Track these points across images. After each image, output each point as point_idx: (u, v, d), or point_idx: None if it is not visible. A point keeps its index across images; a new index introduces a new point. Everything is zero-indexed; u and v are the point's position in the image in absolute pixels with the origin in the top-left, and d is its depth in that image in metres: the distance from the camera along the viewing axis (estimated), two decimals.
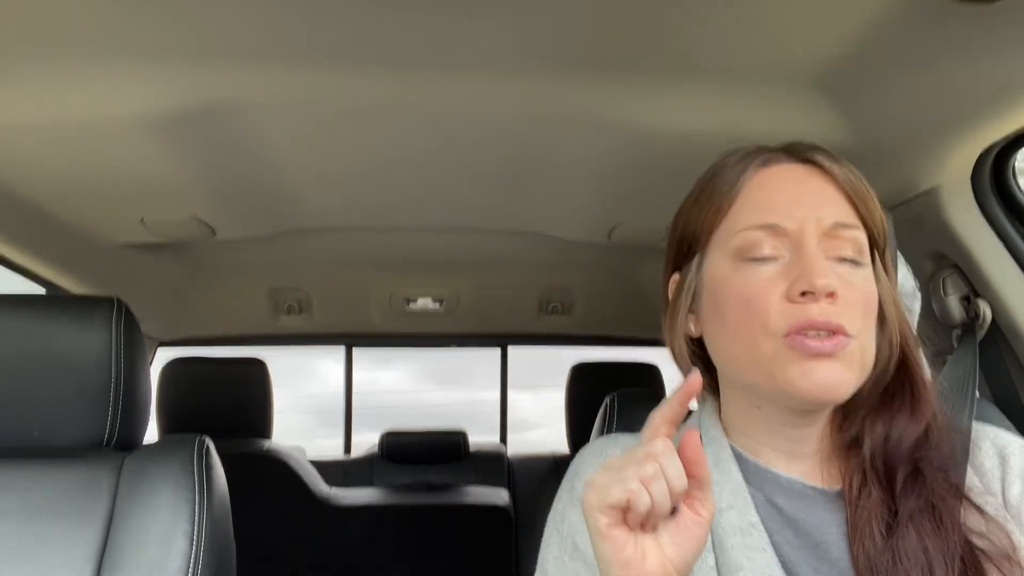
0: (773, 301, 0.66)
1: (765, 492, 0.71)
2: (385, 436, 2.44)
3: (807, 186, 0.70)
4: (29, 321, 1.04)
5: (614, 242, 1.65)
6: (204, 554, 0.98)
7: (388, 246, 1.84)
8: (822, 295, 0.64)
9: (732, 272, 0.69)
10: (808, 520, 0.69)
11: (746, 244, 0.69)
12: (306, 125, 1.11)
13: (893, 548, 0.64)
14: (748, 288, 0.67)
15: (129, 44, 0.92)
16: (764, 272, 0.67)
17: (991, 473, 0.71)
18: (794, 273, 0.66)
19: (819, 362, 0.64)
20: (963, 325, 1.17)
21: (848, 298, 0.65)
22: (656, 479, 0.54)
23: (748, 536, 0.67)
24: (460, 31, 0.90)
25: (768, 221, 0.68)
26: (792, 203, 0.69)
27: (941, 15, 0.81)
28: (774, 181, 0.71)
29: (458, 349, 2.80)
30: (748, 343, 0.67)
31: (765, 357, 0.66)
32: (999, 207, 1.14)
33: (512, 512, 2.27)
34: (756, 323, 0.66)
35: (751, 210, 0.70)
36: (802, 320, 0.64)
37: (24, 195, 1.31)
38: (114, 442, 1.06)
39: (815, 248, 0.67)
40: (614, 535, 0.55)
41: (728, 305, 0.69)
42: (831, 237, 0.68)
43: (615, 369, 2.33)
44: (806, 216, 0.68)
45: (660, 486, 0.54)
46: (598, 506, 0.56)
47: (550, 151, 1.21)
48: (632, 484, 0.54)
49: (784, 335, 0.65)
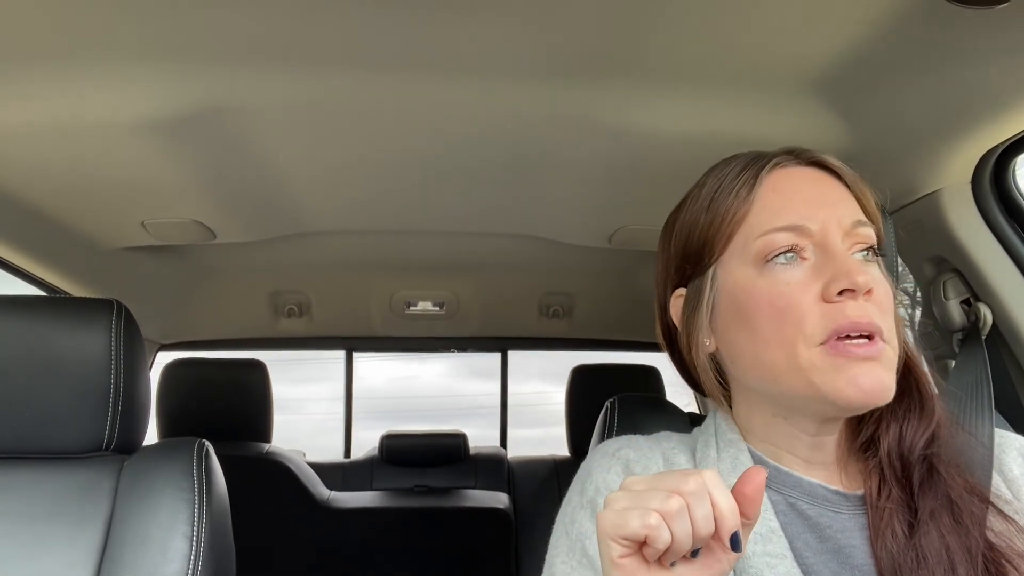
0: (808, 304, 0.64)
1: (786, 496, 0.70)
2: (385, 439, 2.44)
3: (822, 187, 0.70)
4: (29, 324, 1.04)
5: (615, 246, 1.65)
6: (204, 557, 0.98)
7: (388, 249, 1.84)
8: (861, 292, 0.63)
9: (756, 278, 0.67)
10: (831, 524, 0.68)
11: (770, 247, 0.67)
12: (306, 128, 1.11)
13: (916, 547, 0.63)
14: (779, 293, 0.66)
15: (129, 47, 0.92)
16: (794, 275, 0.66)
17: (1019, 481, 0.71)
18: (827, 273, 0.65)
19: (863, 367, 0.63)
20: (963, 329, 1.17)
21: (878, 296, 0.65)
22: (679, 518, 0.50)
23: (768, 543, 0.66)
24: (461, 35, 0.90)
25: (791, 222, 0.67)
26: (811, 204, 0.68)
27: (941, 19, 0.81)
28: (789, 184, 0.70)
29: (457, 355, 2.79)
30: (784, 351, 0.65)
31: (804, 366, 0.64)
32: (1000, 211, 1.14)
33: (512, 515, 2.26)
34: (791, 329, 0.65)
35: (770, 214, 0.68)
36: (842, 323, 0.63)
37: (25, 198, 1.31)
38: (114, 445, 1.06)
39: (842, 247, 0.66)
40: (626, 565, 0.52)
41: (758, 313, 0.67)
42: (851, 236, 0.67)
43: (615, 372, 2.33)
44: (827, 216, 0.67)
45: (683, 526, 0.50)
46: (613, 534, 0.52)
47: (551, 154, 1.21)
48: (652, 519, 0.50)
49: (822, 342, 0.64)
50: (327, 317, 2.28)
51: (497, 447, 2.69)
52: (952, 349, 1.19)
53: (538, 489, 2.38)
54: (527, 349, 2.68)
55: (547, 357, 2.60)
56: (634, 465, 0.74)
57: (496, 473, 2.49)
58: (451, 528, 2.22)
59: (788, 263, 0.66)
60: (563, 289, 2.20)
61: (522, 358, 2.74)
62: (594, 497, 0.72)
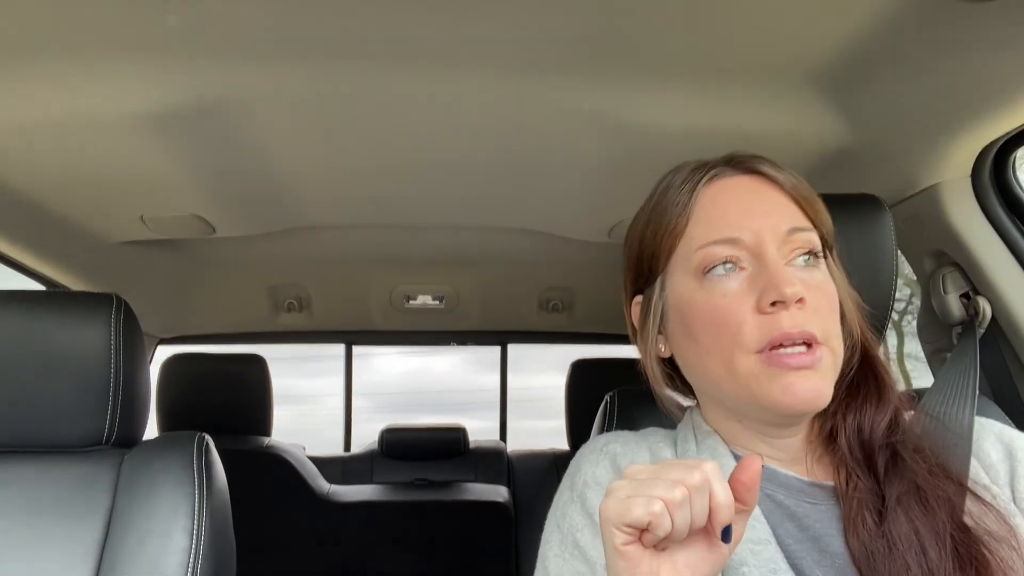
0: (744, 315, 0.67)
1: (764, 488, 0.71)
2: (384, 432, 2.44)
3: (757, 196, 0.71)
4: (29, 318, 1.04)
5: (614, 240, 1.65)
6: (204, 550, 0.98)
7: (388, 243, 1.84)
8: (792, 302, 0.65)
9: (697, 290, 0.70)
10: (808, 514, 0.70)
11: (707, 260, 0.69)
12: (306, 122, 1.11)
13: (886, 534, 0.65)
14: (716, 304, 0.68)
15: (129, 42, 0.92)
16: (730, 286, 0.68)
17: (998, 466, 0.72)
18: (761, 284, 0.67)
19: (798, 375, 0.65)
20: (963, 323, 1.17)
21: (814, 301, 0.67)
22: (682, 507, 0.52)
23: (752, 530, 0.67)
24: (460, 28, 0.89)
25: (725, 235, 0.69)
26: (745, 215, 0.70)
27: (940, 12, 0.81)
28: (724, 195, 0.72)
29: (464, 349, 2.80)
30: (723, 361, 0.68)
31: (742, 374, 0.67)
32: (999, 204, 1.14)
33: (512, 508, 2.27)
34: (729, 339, 0.67)
35: (706, 226, 0.71)
36: (776, 333, 0.65)
37: (24, 193, 1.31)
38: (114, 439, 1.06)
39: (776, 256, 0.68)
40: (629, 552, 0.54)
41: (698, 324, 0.70)
42: (788, 242, 0.69)
43: (615, 366, 2.33)
44: (762, 226, 0.69)
45: (684, 515, 0.52)
46: (616, 522, 0.53)
47: (550, 148, 1.21)
48: (656, 507, 0.52)
49: (759, 351, 0.66)
50: (327, 311, 2.28)
51: (497, 441, 2.69)
52: (951, 342, 1.19)
53: (537, 483, 2.39)
54: (527, 343, 2.68)
55: (560, 349, 2.60)
56: (621, 459, 0.76)
57: (496, 467, 2.49)
58: (451, 521, 2.22)
59: (727, 273, 0.69)
60: (563, 283, 2.20)
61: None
62: (583, 491, 0.74)
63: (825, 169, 1.20)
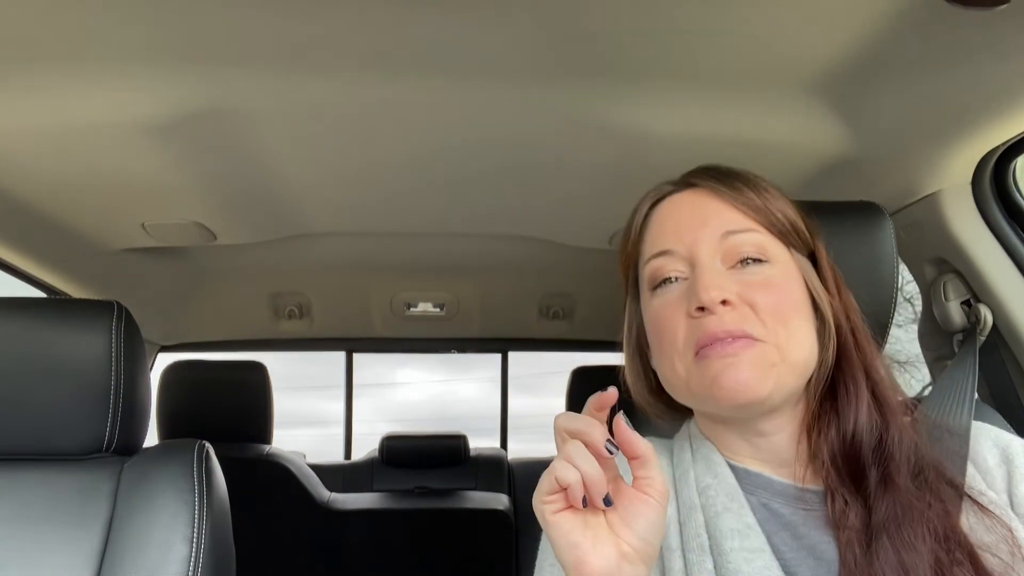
0: (678, 322, 0.70)
1: (759, 496, 0.71)
2: (385, 440, 2.44)
3: (694, 208, 0.74)
4: (29, 325, 1.04)
5: (614, 247, 1.64)
6: (204, 559, 0.98)
7: (388, 251, 1.84)
8: (715, 306, 0.67)
9: (649, 303, 0.75)
10: (804, 522, 0.69)
11: (651, 274, 0.74)
12: (307, 129, 1.11)
13: (872, 561, 0.64)
14: (658, 315, 0.73)
15: (131, 49, 0.92)
16: (669, 296, 0.72)
17: (994, 472, 0.71)
18: (691, 290, 0.70)
19: (722, 364, 0.67)
20: (964, 330, 1.17)
21: (749, 299, 0.68)
22: (579, 455, 0.56)
23: (746, 539, 0.67)
24: (462, 37, 0.90)
25: (660, 248, 0.73)
26: (681, 227, 0.73)
27: (941, 21, 0.81)
28: (669, 212, 0.76)
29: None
30: (669, 366, 0.72)
31: (682, 375, 0.70)
32: (1000, 212, 1.14)
33: (512, 517, 2.26)
34: (669, 346, 0.71)
35: (650, 243, 0.76)
36: (702, 336, 0.68)
37: (25, 199, 1.31)
38: (114, 447, 1.06)
39: (708, 262, 0.70)
40: (559, 521, 0.58)
41: (652, 334, 0.75)
42: (725, 246, 0.71)
43: (616, 374, 2.32)
44: (695, 236, 0.71)
45: (586, 462, 0.56)
46: (538, 497, 0.58)
47: (551, 156, 1.21)
48: (558, 465, 0.57)
49: (694, 354, 0.69)
50: (327, 318, 2.28)
51: (497, 448, 2.69)
52: (952, 350, 1.19)
53: None
54: (527, 350, 2.68)
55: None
56: None
57: (496, 474, 2.49)
58: (451, 529, 2.22)
59: (672, 284, 0.72)
60: (563, 290, 2.20)
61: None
62: None
63: (825, 176, 1.20)
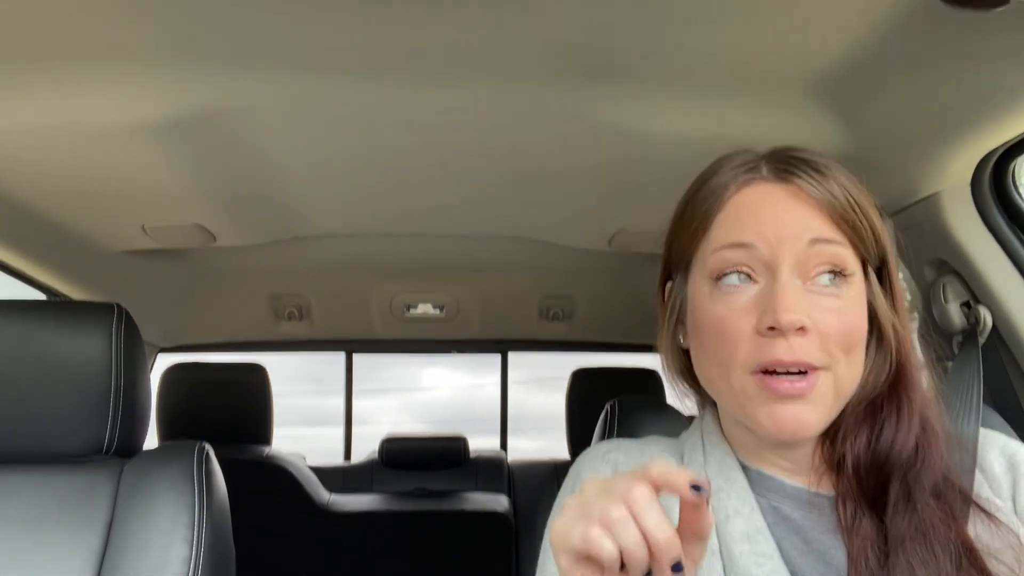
0: (744, 334, 0.65)
1: (770, 499, 0.70)
2: (385, 442, 2.44)
3: (785, 206, 0.68)
4: (30, 327, 1.04)
5: (614, 248, 1.65)
6: (204, 560, 0.98)
7: (388, 252, 1.84)
8: (790, 331, 0.63)
9: (708, 297, 0.68)
10: (815, 527, 0.68)
11: (720, 265, 0.67)
12: (307, 132, 1.12)
13: (887, 575, 0.63)
14: (720, 316, 0.67)
15: (130, 51, 0.92)
16: (737, 301, 0.66)
17: (1001, 479, 0.71)
18: (765, 304, 0.64)
19: (785, 404, 0.64)
20: (963, 331, 1.17)
21: (823, 327, 0.64)
22: (623, 524, 0.47)
23: (755, 543, 0.66)
24: (461, 38, 0.90)
25: (739, 239, 0.67)
26: (765, 223, 0.67)
27: (940, 22, 0.81)
28: (752, 201, 0.69)
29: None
30: (721, 372, 0.67)
31: (736, 390, 0.66)
32: (999, 213, 1.14)
33: (512, 518, 2.26)
34: (727, 355, 0.66)
35: (725, 230, 0.69)
36: (768, 360, 0.63)
37: (25, 201, 1.31)
38: (114, 448, 1.06)
39: (788, 276, 0.65)
40: None
41: (705, 331, 0.68)
42: (809, 255, 0.66)
43: (616, 375, 2.33)
44: (780, 235, 0.66)
45: (629, 534, 0.47)
46: (560, 547, 0.49)
47: (550, 157, 1.21)
48: (593, 530, 0.47)
49: (752, 372, 0.65)
50: (327, 320, 2.28)
51: (497, 450, 2.69)
52: (952, 352, 1.19)
53: (538, 492, 2.37)
54: (527, 351, 2.68)
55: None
56: (623, 468, 0.74)
57: (496, 476, 2.49)
58: (451, 531, 2.22)
59: (740, 284, 0.66)
60: (563, 292, 2.20)
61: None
62: None
63: None
